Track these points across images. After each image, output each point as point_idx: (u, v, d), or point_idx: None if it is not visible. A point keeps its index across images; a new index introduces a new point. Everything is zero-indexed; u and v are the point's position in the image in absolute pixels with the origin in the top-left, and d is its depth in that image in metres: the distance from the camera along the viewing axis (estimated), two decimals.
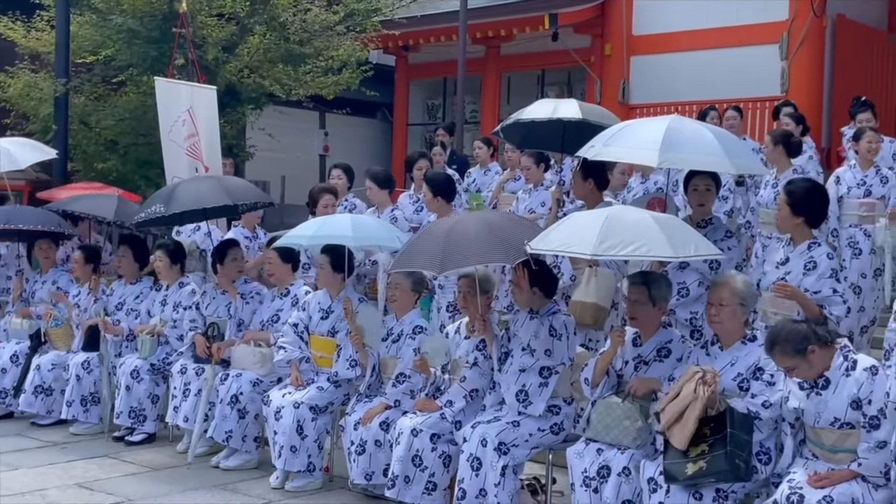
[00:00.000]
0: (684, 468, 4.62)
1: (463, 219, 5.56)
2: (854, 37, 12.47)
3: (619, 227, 4.69)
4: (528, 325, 5.55)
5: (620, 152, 5.35)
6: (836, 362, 4.49)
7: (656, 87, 13.03)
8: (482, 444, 5.38)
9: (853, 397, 4.41)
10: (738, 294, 4.91)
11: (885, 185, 7.89)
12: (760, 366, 4.80)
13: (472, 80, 14.41)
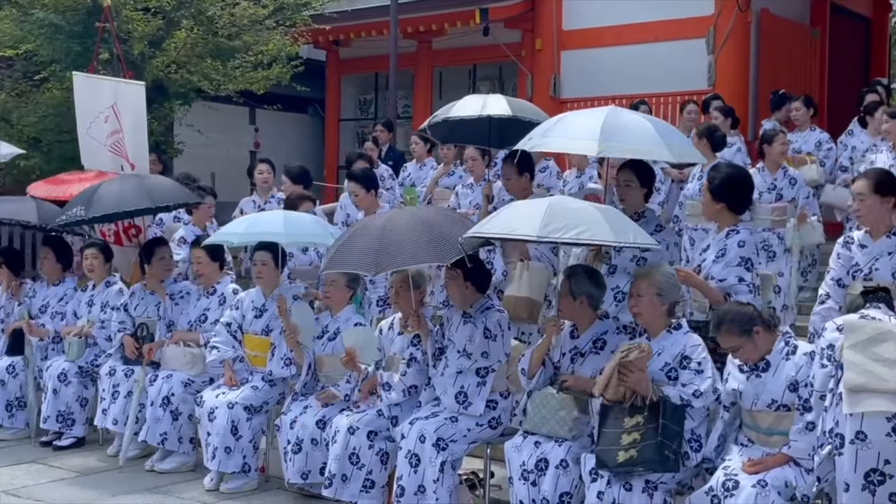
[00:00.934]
0: (615, 455, 4.67)
1: (396, 216, 5.52)
2: (778, 31, 12.70)
3: (562, 213, 4.74)
4: (462, 329, 5.53)
5: (560, 143, 5.36)
6: (778, 346, 4.62)
7: (587, 81, 13.11)
8: (420, 440, 5.36)
9: (791, 380, 4.54)
10: (655, 285, 4.96)
11: (793, 187, 7.99)
12: (686, 354, 4.86)
13: (403, 74, 14.35)
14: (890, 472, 4.07)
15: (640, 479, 4.67)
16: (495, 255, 6.19)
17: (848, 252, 5.12)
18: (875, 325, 4.29)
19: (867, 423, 4.11)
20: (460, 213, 7.46)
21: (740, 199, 5.41)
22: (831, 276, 5.16)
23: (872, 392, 4.12)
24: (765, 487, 4.39)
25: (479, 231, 4.98)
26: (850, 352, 4.23)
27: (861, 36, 15.36)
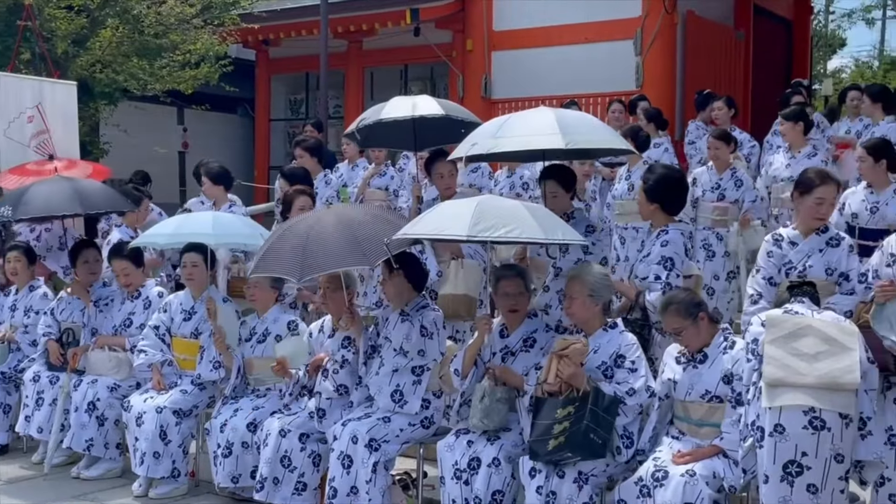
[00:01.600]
0: (546, 444, 4.74)
1: (322, 218, 5.49)
2: (703, 33, 12.94)
3: (491, 212, 4.76)
4: (399, 327, 5.54)
5: (520, 141, 5.38)
6: (717, 340, 4.75)
7: (518, 82, 13.21)
8: (353, 441, 5.35)
9: (726, 372, 4.66)
10: (587, 286, 5.02)
11: (739, 189, 8.06)
12: (621, 353, 4.93)
13: (334, 74, 14.31)
14: (807, 463, 4.19)
15: (573, 470, 4.73)
16: (428, 256, 6.20)
17: (779, 250, 5.19)
18: (796, 320, 4.41)
19: (785, 416, 4.22)
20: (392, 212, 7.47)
21: (674, 200, 5.51)
22: (762, 274, 5.19)
23: (790, 386, 4.23)
24: (693, 477, 4.49)
25: (409, 232, 4.99)
26: (771, 346, 4.34)
27: (783, 38, 15.75)
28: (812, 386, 4.21)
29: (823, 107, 16.20)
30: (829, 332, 4.34)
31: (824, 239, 5.16)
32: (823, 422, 4.19)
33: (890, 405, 4.78)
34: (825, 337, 4.32)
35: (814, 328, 4.36)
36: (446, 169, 6.55)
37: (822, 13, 27.62)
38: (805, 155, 8.02)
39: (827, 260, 5.11)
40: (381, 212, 5.77)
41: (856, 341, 4.33)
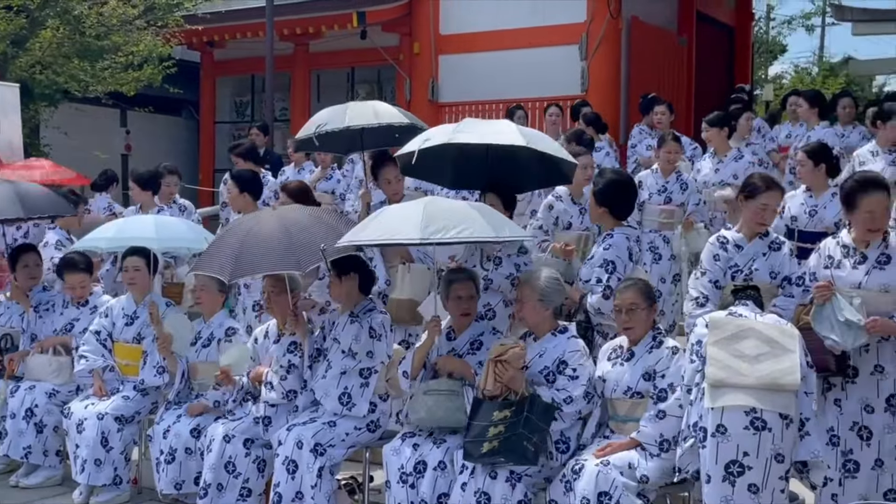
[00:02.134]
0: (480, 447, 4.74)
1: (263, 219, 5.46)
2: (647, 38, 13.10)
3: (439, 213, 4.77)
4: (348, 328, 5.50)
5: (481, 136, 5.44)
6: (646, 339, 4.81)
7: (464, 85, 13.24)
8: (297, 446, 5.30)
9: (649, 369, 4.72)
10: (537, 290, 5.05)
11: (684, 192, 8.12)
12: (564, 359, 4.96)
13: (281, 77, 14.22)
14: (748, 463, 4.24)
15: (505, 470, 4.74)
16: (377, 262, 6.17)
17: (725, 253, 5.22)
18: (739, 322, 4.47)
19: (727, 416, 4.28)
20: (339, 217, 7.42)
21: (622, 205, 5.57)
22: (708, 277, 5.19)
23: (732, 387, 4.29)
24: (607, 466, 4.56)
25: (358, 238, 4.96)
26: (714, 348, 4.40)
27: (725, 44, 16.00)
28: (753, 387, 4.27)
29: (765, 112, 16.49)
30: (771, 334, 4.42)
31: (766, 243, 5.24)
32: (764, 422, 4.25)
33: (830, 406, 4.88)
34: (766, 339, 4.39)
35: (756, 330, 4.43)
36: (392, 174, 6.53)
37: (763, 20, 28.10)
38: (732, 158, 8.14)
39: (771, 263, 5.18)
40: (326, 216, 5.72)
41: (796, 343, 4.41)
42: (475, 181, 6.09)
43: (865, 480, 4.81)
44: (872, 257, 4.81)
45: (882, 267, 4.79)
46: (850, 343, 4.71)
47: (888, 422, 4.80)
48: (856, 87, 23.64)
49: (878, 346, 4.81)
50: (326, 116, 6.65)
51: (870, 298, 4.75)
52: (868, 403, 4.82)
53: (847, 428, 4.84)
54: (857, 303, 4.72)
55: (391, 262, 6.25)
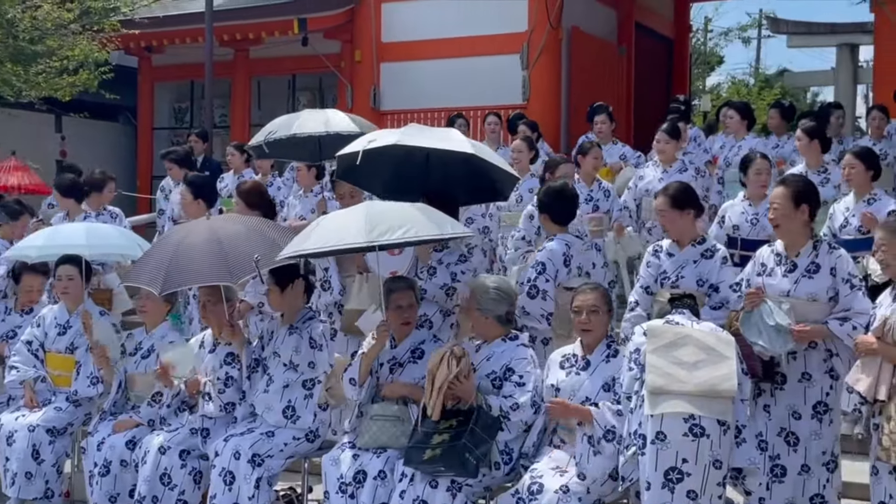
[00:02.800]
0: (423, 453, 4.72)
1: (195, 230, 5.40)
2: (587, 48, 13.19)
3: (381, 216, 4.76)
4: (287, 340, 5.46)
5: (426, 140, 5.47)
6: (601, 348, 4.83)
7: (406, 93, 13.21)
8: (235, 456, 5.23)
9: (607, 379, 4.73)
10: (474, 301, 5.09)
11: (608, 199, 8.22)
12: (511, 366, 4.96)
13: (220, 83, 14.04)
14: (687, 470, 4.27)
15: (447, 479, 4.72)
16: (332, 272, 6.11)
17: (657, 260, 5.37)
18: (676, 329, 4.52)
19: (666, 423, 4.31)
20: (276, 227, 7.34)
21: (561, 211, 5.73)
22: (640, 283, 5.43)
23: (671, 394, 4.33)
24: (567, 493, 4.53)
25: (301, 248, 4.90)
26: (653, 356, 4.44)
27: (664, 55, 16.21)
28: (692, 393, 4.31)
29: (702, 122, 16.74)
30: (708, 341, 4.47)
31: (699, 250, 5.31)
32: (703, 429, 4.29)
33: (760, 411, 4.95)
34: (704, 346, 4.44)
35: (693, 338, 4.48)
36: (347, 189, 6.47)
37: (701, 31, 28.57)
38: (676, 169, 8.25)
39: (699, 271, 5.27)
40: (262, 226, 5.65)
41: (732, 350, 4.47)
42: (410, 190, 6.06)
43: (792, 485, 4.89)
44: (802, 266, 4.90)
45: (811, 276, 4.88)
46: (778, 348, 4.78)
47: (814, 428, 4.88)
48: (790, 98, 24.13)
49: (806, 355, 4.90)
50: (278, 124, 6.61)
51: (798, 307, 4.83)
52: (795, 410, 4.91)
53: (775, 433, 4.93)
54: (785, 308, 4.80)
55: (347, 272, 6.20)
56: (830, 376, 4.88)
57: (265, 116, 14.26)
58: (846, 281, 4.82)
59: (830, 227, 6.64)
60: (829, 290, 4.83)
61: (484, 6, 12.56)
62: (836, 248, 4.97)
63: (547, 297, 5.51)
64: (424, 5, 13.04)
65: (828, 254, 4.88)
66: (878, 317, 4.60)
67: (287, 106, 15.02)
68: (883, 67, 11.00)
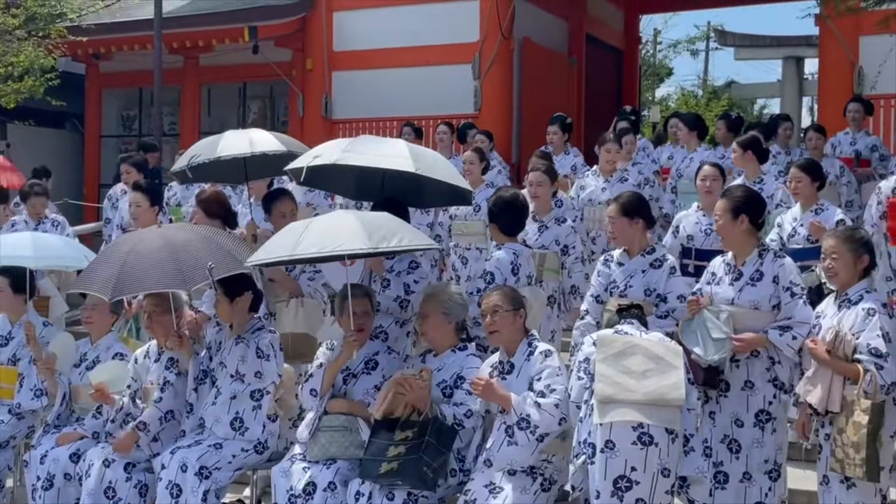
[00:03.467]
0: (379, 467, 4.71)
1: (147, 237, 5.34)
2: (538, 59, 13.29)
3: (376, 224, 4.79)
4: (234, 350, 5.40)
5: (369, 158, 5.41)
6: (521, 348, 4.83)
7: (358, 102, 13.21)
8: (182, 469, 5.15)
9: (530, 379, 4.75)
10: (441, 303, 5.07)
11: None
12: (462, 374, 4.96)
13: (169, 90, 13.92)
14: (636, 478, 4.29)
15: (403, 492, 4.71)
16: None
17: (607, 269, 5.42)
18: (625, 339, 4.54)
19: (615, 432, 4.33)
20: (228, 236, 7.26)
21: (510, 221, 5.77)
22: (591, 292, 5.47)
23: (620, 402, 4.35)
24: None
25: (293, 254, 4.79)
26: (602, 365, 4.45)
27: (614, 66, 16.38)
28: (640, 402, 4.34)
29: (652, 132, 16.92)
30: (656, 350, 4.50)
31: (648, 260, 5.36)
32: (651, 437, 4.31)
33: (706, 418, 4.98)
34: (652, 356, 4.47)
35: (642, 347, 4.50)
36: (289, 208, 6.39)
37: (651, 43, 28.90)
38: (617, 179, 8.32)
39: (647, 281, 5.31)
40: (214, 235, 5.59)
41: (680, 360, 4.50)
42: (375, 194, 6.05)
43: (734, 492, 4.92)
44: (747, 274, 4.95)
45: (754, 284, 4.92)
46: (713, 357, 4.82)
47: (757, 436, 4.92)
48: (738, 110, 24.48)
49: (749, 363, 4.93)
50: (201, 147, 6.45)
51: (740, 315, 4.88)
52: (738, 417, 4.94)
53: (718, 440, 4.96)
54: (723, 317, 4.85)
55: (278, 297, 6.12)
56: (774, 385, 4.93)
57: (215, 124, 14.19)
58: (787, 289, 4.87)
59: (780, 236, 6.73)
60: (772, 298, 4.88)
61: (436, 16, 12.62)
62: (781, 256, 5.02)
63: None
64: (376, 14, 13.05)
65: (772, 262, 4.93)
66: (825, 328, 4.64)
67: (238, 114, 14.93)
68: (827, 80, 11.19)
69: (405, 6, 12.81)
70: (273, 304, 6.07)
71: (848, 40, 10.44)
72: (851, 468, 4.38)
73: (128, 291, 5.14)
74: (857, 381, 4.42)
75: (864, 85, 10.44)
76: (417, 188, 5.69)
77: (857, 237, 4.70)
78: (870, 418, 4.33)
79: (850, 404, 4.42)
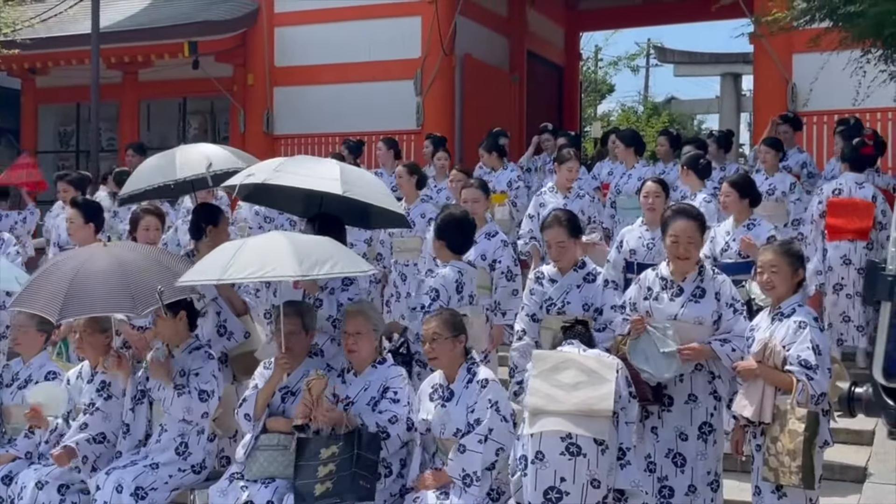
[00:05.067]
0: (313, 489, 4.71)
1: (95, 256, 5.28)
2: (480, 75, 13.41)
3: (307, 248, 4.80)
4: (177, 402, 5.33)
5: (299, 179, 5.41)
6: (461, 374, 4.87)
7: (300, 118, 13.19)
8: (117, 490, 5.12)
9: (471, 406, 4.78)
10: (371, 319, 5.13)
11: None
12: (387, 385, 5.03)
13: (108, 106, 13.75)
14: (566, 489, 4.35)
15: None
16: (225, 314, 5.96)
17: (540, 287, 5.47)
18: (560, 355, 4.63)
19: (545, 443, 4.39)
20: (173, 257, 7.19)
21: (459, 239, 5.84)
22: (526, 311, 5.49)
23: (549, 413, 4.41)
24: None
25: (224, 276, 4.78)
26: (536, 380, 4.53)
27: (555, 82, 16.57)
28: (569, 412, 4.39)
29: (593, 148, 17.12)
30: (590, 364, 4.57)
31: (581, 275, 5.43)
32: (579, 447, 4.36)
33: (648, 433, 5.06)
34: (585, 369, 4.54)
35: (576, 361, 4.59)
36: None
37: (592, 60, 29.24)
38: (575, 195, 8.40)
39: (584, 296, 5.38)
40: (161, 256, 5.58)
41: (613, 373, 4.55)
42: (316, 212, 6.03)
43: None
44: (688, 290, 5.03)
45: (697, 300, 5.01)
46: (664, 374, 4.90)
47: (700, 449, 5.01)
48: (677, 126, 24.86)
49: (692, 377, 5.03)
50: (154, 168, 6.31)
51: (684, 330, 4.96)
52: (682, 431, 5.03)
53: (663, 455, 5.03)
54: (669, 333, 4.93)
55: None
56: (714, 397, 5.03)
57: (154, 140, 14.06)
58: (730, 305, 4.98)
59: (712, 251, 6.84)
60: (714, 313, 4.98)
61: (378, 32, 12.67)
62: (718, 273, 5.13)
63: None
64: (318, 30, 13.06)
65: (712, 279, 5.03)
66: (758, 340, 4.74)
67: (178, 130, 14.81)
68: (762, 97, 11.43)
69: (347, 22, 12.85)
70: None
71: (781, 58, 10.67)
72: (787, 476, 4.45)
73: (76, 313, 5.08)
74: (789, 391, 4.51)
75: (798, 102, 10.68)
76: (357, 209, 5.71)
77: (793, 251, 4.80)
78: (806, 426, 4.42)
79: (783, 413, 4.50)
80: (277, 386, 5.16)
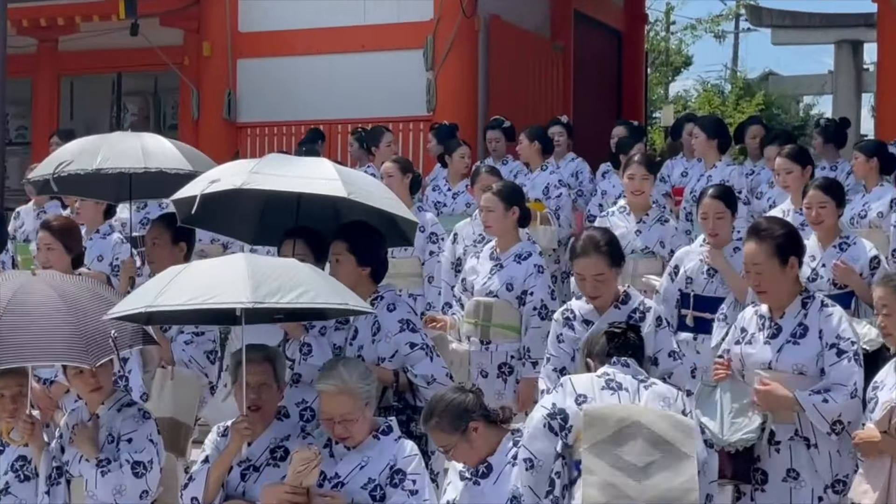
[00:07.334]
0: None
1: (30, 288, 5.28)
2: (511, 42, 13.36)
3: (268, 271, 4.82)
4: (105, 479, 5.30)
5: (299, 183, 5.45)
6: (505, 447, 4.82)
7: (271, 100, 13.18)
8: None
9: (515, 492, 4.70)
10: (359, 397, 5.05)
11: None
12: (399, 467, 4.95)
13: (19, 84, 13.85)
14: None
15: None
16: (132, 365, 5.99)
17: (571, 332, 5.38)
18: (620, 413, 4.53)
19: None
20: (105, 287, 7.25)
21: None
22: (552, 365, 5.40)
23: None
24: None
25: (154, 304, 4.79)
26: (590, 455, 4.44)
27: (613, 52, 16.55)
28: None
29: (663, 141, 17.09)
30: (660, 429, 4.49)
31: (625, 312, 5.31)
32: None
33: None
34: (655, 438, 4.47)
35: (642, 425, 4.49)
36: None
37: (661, 24, 29.33)
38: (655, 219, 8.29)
39: None
40: (97, 288, 5.63)
41: (692, 442, 4.50)
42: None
43: None
44: (788, 329, 5.00)
45: (796, 341, 4.98)
46: (730, 438, 4.89)
47: None
48: (777, 111, 24.85)
49: (792, 446, 4.97)
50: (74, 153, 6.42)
51: (781, 383, 4.90)
52: None
53: None
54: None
55: (147, 367, 6.11)
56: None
57: (80, 128, 14.10)
58: (832, 346, 4.91)
59: None
60: (819, 359, 4.94)
61: None
62: (829, 304, 5.08)
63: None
64: None
65: (818, 311, 5.00)
66: (881, 403, 4.69)
67: (110, 115, 14.93)
68: (887, 71, 11.38)
69: None
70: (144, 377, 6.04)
71: None
72: None
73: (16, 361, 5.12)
74: None
75: None
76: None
77: None
78: None
79: None
80: (235, 459, 5.15)
